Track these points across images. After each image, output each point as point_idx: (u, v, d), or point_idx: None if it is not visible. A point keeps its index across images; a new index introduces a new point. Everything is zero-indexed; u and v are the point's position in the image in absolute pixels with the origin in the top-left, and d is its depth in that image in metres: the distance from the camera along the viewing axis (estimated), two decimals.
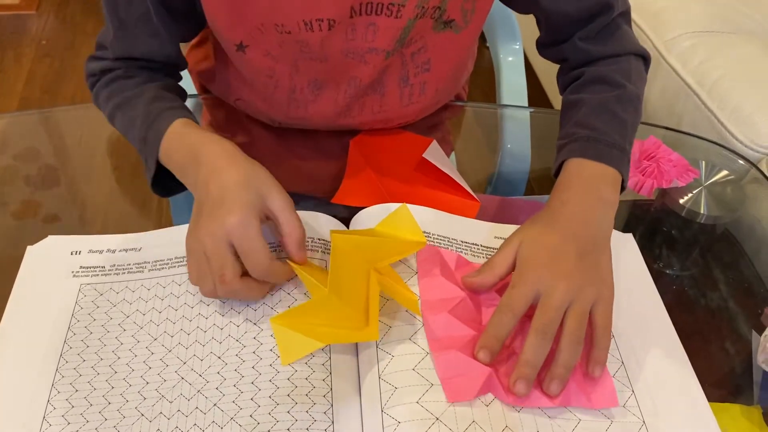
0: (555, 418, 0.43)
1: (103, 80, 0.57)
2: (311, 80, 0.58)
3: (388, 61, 0.57)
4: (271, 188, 0.46)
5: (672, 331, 0.50)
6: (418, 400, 0.42)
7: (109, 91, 0.56)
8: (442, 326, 0.45)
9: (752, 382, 0.50)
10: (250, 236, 0.44)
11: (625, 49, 0.57)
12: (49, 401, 0.43)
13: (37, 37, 1.96)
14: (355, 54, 0.55)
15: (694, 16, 1.05)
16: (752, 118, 0.89)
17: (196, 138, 0.50)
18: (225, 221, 0.44)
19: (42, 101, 1.74)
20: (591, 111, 0.52)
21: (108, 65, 0.56)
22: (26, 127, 0.74)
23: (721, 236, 0.65)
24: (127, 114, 0.54)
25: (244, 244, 0.44)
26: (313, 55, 0.55)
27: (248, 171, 0.46)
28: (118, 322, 0.48)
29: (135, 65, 0.56)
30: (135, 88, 0.55)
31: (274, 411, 0.42)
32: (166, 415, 0.43)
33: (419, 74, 0.59)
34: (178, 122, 0.51)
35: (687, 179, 0.63)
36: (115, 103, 0.55)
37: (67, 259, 0.52)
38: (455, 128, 0.75)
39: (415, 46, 0.57)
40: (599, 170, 0.50)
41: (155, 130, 0.51)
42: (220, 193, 0.45)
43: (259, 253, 0.44)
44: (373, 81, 0.58)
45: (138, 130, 0.52)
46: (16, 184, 0.65)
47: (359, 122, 0.63)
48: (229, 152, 0.48)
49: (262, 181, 0.46)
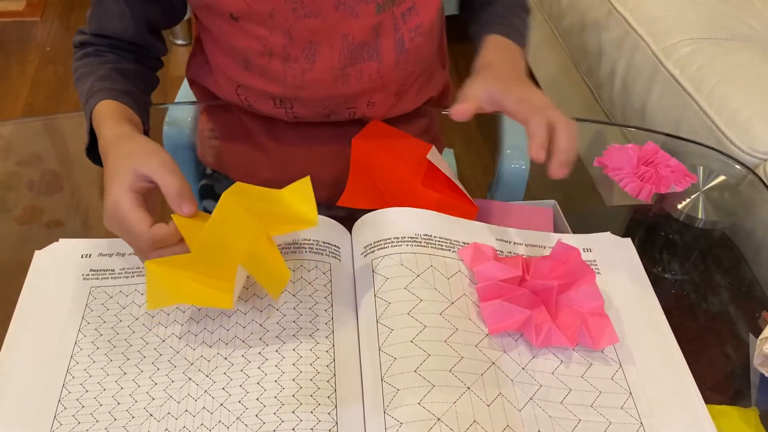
0: (555, 418, 0.44)
1: (78, 53, 0.61)
2: (305, 44, 0.59)
3: (380, 18, 0.59)
4: (144, 157, 0.48)
5: (670, 335, 0.51)
6: (420, 402, 0.43)
7: (77, 64, 0.60)
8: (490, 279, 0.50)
9: (749, 384, 0.51)
10: (122, 213, 0.46)
11: None
12: (59, 401, 0.44)
13: (41, 44, 1.98)
14: (346, 5, 0.58)
15: (693, 23, 1.06)
16: (750, 123, 0.89)
17: (98, 123, 0.54)
18: (105, 208, 0.47)
19: (46, 107, 1.75)
20: (501, 8, 0.66)
21: (85, 39, 0.61)
22: (30, 133, 0.75)
23: (719, 241, 0.65)
24: (80, 88, 0.58)
25: (121, 224, 0.46)
26: (306, 11, 0.57)
27: (123, 152, 0.49)
28: (127, 324, 0.49)
29: (106, 43, 0.60)
30: (95, 65, 0.59)
31: (279, 411, 0.43)
32: (174, 415, 0.43)
33: (414, 38, 0.62)
34: (99, 105, 0.54)
35: (685, 184, 0.64)
36: (76, 76, 0.59)
37: (78, 262, 0.53)
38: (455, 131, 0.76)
39: (406, 4, 0.60)
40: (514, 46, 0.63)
41: (87, 109, 0.55)
42: (106, 180, 0.49)
43: (133, 226, 0.46)
44: (366, 41, 0.60)
45: (84, 104, 0.56)
46: (20, 190, 0.66)
47: (357, 90, 0.64)
48: (113, 138, 0.51)
49: (135, 155, 0.48)
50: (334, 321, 0.49)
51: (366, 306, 0.49)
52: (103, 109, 0.54)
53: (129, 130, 0.52)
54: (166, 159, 0.48)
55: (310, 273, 0.51)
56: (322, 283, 0.51)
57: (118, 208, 0.46)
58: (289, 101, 0.64)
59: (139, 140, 0.51)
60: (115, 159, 0.49)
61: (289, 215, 0.48)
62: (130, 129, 0.53)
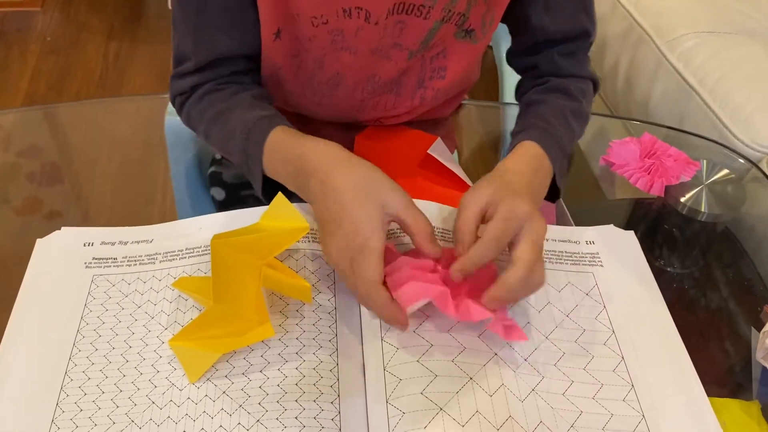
0: (557, 410, 0.44)
1: (193, 97, 0.56)
2: (332, 74, 0.59)
3: (410, 63, 0.59)
4: (387, 190, 0.44)
5: (672, 327, 0.51)
6: (422, 391, 0.43)
7: (201, 107, 0.55)
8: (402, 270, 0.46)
9: (751, 378, 0.51)
10: (368, 263, 0.42)
11: (588, 73, 0.63)
12: (62, 388, 0.44)
13: (42, 34, 1.97)
14: (381, 50, 0.57)
15: (697, 17, 1.05)
16: (753, 117, 0.89)
17: (295, 146, 0.48)
18: (347, 247, 0.43)
19: (47, 98, 1.74)
20: (550, 111, 0.58)
21: (197, 80, 0.55)
22: (30, 124, 0.74)
23: (721, 235, 0.65)
24: (225, 127, 0.52)
25: (359, 272, 0.42)
26: (345, 45, 0.55)
27: (359, 177, 0.44)
28: (130, 312, 0.49)
29: (223, 73, 0.55)
30: (228, 99, 0.53)
31: (282, 399, 0.43)
32: (176, 402, 0.43)
33: (434, 80, 0.62)
34: (276, 132, 0.49)
35: (691, 172, 0.65)
36: (209, 117, 0.54)
37: (81, 251, 0.53)
38: (458, 126, 0.76)
39: (436, 50, 0.59)
40: (545, 160, 0.54)
41: (254, 142, 0.49)
42: (337, 210, 0.43)
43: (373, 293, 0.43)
44: (391, 80, 0.60)
45: (237, 141, 0.51)
46: (20, 181, 0.65)
47: (369, 118, 0.64)
48: (334, 157, 0.46)
49: (377, 185, 0.44)
50: (337, 312, 0.49)
51: None
52: (283, 134, 0.48)
53: (339, 147, 0.46)
54: (405, 195, 0.44)
55: (313, 263, 0.51)
56: (325, 273, 0.51)
57: (365, 248, 0.42)
58: (302, 110, 0.65)
59: (369, 166, 0.45)
60: (347, 182, 0.44)
61: (280, 233, 0.48)
62: (336, 148, 0.46)
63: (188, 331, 0.46)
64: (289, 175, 0.49)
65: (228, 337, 0.45)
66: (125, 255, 0.53)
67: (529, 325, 0.49)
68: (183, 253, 0.53)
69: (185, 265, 0.52)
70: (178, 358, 0.45)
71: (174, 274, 0.51)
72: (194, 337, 0.45)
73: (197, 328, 0.45)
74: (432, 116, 0.69)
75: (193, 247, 0.53)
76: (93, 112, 0.78)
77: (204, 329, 0.45)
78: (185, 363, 0.45)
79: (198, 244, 0.53)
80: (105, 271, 0.52)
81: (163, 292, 0.50)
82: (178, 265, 0.52)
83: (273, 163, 0.50)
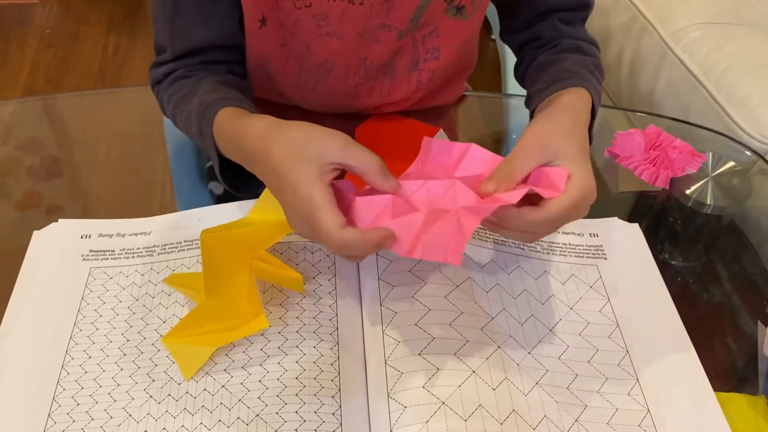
0: (561, 404, 0.44)
1: (164, 84, 0.56)
2: (322, 60, 0.58)
3: (401, 43, 0.58)
4: (324, 142, 0.42)
5: (677, 321, 0.50)
6: (424, 385, 0.42)
7: (170, 92, 0.55)
8: None
9: (757, 372, 0.51)
10: (313, 210, 0.40)
11: (591, 38, 0.62)
12: (59, 382, 0.44)
13: (40, 27, 1.96)
14: (369, 32, 0.56)
15: (701, 8, 1.04)
16: (759, 109, 0.88)
17: (234, 129, 0.47)
18: (293, 207, 0.42)
19: (45, 91, 1.74)
20: (574, 64, 0.56)
21: (169, 68, 0.55)
22: (29, 117, 0.74)
23: (727, 227, 0.65)
24: (185, 111, 0.52)
25: (309, 222, 0.41)
26: (330, 30, 0.55)
27: (290, 142, 0.42)
28: (128, 305, 0.48)
29: (195, 61, 0.55)
30: (192, 84, 0.54)
31: (282, 394, 0.42)
32: (174, 396, 0.43)
33: (429, 61, 0.61)
34: (222, 113, 0.48)
35: (697, 165, 0.64)
36: (175, 101, 0.54)
37: (77, 243, 0.53)
38: (460, 118, 0.75)
39: (427, 29, 0.58)
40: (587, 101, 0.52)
41: (207, 124, 0.49)
42: (279, 183, 0.42)
43: (321, 227, 0.40)
44: (383, 63, 0.59)
45: (194, 124, 0.51)
46: (19, 175, 0.65)
47: (366, 105, 0.63)
48: (268, 132, 0.44)
49: (310, 142, 0.42)
50: (338, 305, 0.48)
51: (370, 290, 0.49)
52: (227, 114, 0.48)
53: (276, 120, 0.45)
54: (347, 138, 0.42)
55: (314, 255, 0.51)
56: (326, 266, 0.50)
57: (311, 205, 0.40)
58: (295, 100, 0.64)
59: (301, 126, 0.43)
60: (281, 151, 0.42)
61: (270, 226, 0.48)
62: (276, 120, 0.45)
63: (181, 328, 0.45)
64: (240, 159, 0.48)
65: (222, 332, 0.44)
66: (123, 247, 0.52)
67: (533, 318, 0.49)
68: (181, 246, 0.52)
69: (184, 257, 0.51)
70: (172, 355, 0.45)
71: (173, 267, 0.51)
72: (188, 333, 0.45)
73: (190, 324, 0.45)
74: (432, 103, 0.68)
75: (192, 239, 0.52)
76: (92, 103, 0.77)
77: (197, 325, 0.45)
78: (179, 360, 0.44)
79: (197, 236, 0.52)
80: (102, 263, 0.51)
81: (161, 285, 0.49)
82: (177, 257, 0.51)
83: (224, 146, 0.49)
